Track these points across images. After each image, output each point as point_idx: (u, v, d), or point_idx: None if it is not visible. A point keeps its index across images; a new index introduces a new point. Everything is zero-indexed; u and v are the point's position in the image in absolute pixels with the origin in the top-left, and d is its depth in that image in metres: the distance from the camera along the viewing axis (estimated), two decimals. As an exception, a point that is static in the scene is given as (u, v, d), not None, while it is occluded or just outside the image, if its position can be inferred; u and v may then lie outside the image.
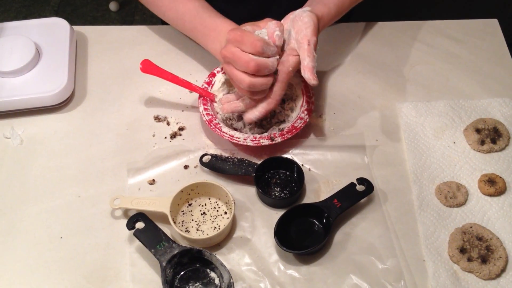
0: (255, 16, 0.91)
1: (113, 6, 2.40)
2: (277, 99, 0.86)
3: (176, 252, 0.79)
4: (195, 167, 0.92)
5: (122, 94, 1.02)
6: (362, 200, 0.86)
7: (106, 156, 0.94)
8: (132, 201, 0.85)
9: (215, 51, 0.93)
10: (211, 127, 0.91)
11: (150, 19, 2.40)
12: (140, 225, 0.82)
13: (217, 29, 0.92)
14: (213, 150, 0.94)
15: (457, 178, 0.90)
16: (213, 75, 0.98)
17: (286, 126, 0.92)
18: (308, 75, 0.81)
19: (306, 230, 0.85)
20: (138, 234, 0.81)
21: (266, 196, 0.87)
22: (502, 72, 1.04)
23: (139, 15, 2.42)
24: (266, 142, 0.89)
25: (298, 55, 0.83)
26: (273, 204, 0.88)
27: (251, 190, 0.90)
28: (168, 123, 0.98)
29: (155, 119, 0.98)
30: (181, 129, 0.97)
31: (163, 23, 1.22)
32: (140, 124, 0.98)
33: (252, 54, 0.80)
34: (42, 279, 0.81)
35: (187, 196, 0.87)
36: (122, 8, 2.43)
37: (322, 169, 0.92)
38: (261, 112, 0.87)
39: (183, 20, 0.97)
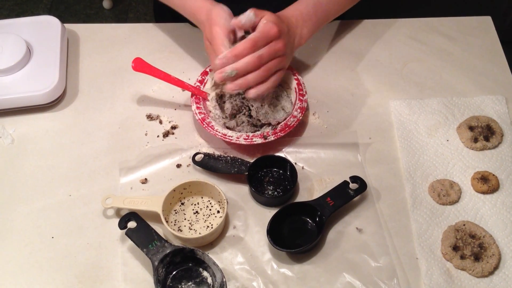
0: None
1: (106, 4, 2.39)
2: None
3: (168, 251, 0.78)
4: (187, 166, 0.92)
5: (114, 92, 1.01)
6: (355, 198, 0.86)
7: (98, 155, 0.93)
8: (124, 200, 0.85)
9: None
10: (204, 126, 0.90)
11: (144, 16, 2.39)
12: (132, 224, 0.81)
13: (198, 12, 0.91)
14: (206, 148, 0.93)
15: (450, 176, 0.90)
16: (205, 73, 0.97)
17: (279, 124, 0.91)
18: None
19: (299, 229, 0.85)
20: (130, 234, 0.80)
21: (259, 195, 0.87)
22: (495, 70, 1.04)
23: (133, 13, 2.40)
24: (259, 140, 0.89)
25: None
26: (266, 202, 0.88)
27: (244, 189, 0.89)
28: (160, 122, 0.97)
29: (147, 118, 0.98)
30: (173, 127, 0.96)
31: (157, 20, 1.21)
32: (133, 122, 0.97)
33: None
34: (34, 279, 0.81)
35: (179, 195, 0.86)
36: (115, 5, 2.42)
37: (315, 167, 0.91)
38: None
39: None
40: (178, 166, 0.91)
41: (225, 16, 0.85)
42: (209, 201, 0.87)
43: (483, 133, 0.93)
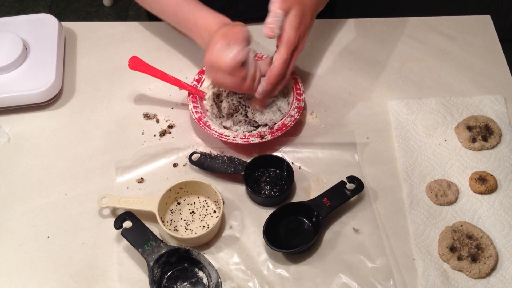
0: (229, 5, 0.89)
1: (107, 1, 2.38)
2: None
3: (163, 251, 0.78)
4: (184, 165, 0.91)
5: (111, 91, 1.01)
6: (352, 199, 0.86)
7: (94, 154, 0.93)
8: (120, 200, 0.84)
9: (200, 45, 0.91)
10: (200, 125, 0.90)
11: (144, 14, 2.36)
12: (127, 224, 0.81)
13: (197, 23, 0.90)
14: (203, 148, 0.93)
15: (448, 176, 0.90)
16: (202, 72, 0.97)
17: (276, 124, 0.91)
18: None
19: (296, 229, 0.84)
20: (125, 234, 0.80)
21: (256, 195, 0.86)
22: (494, 69, 1.04)
23: (133, 10, 2.40)
24: (255, 140, 0.88)
25: None
26: (262, 202, 0.87)
27: (241, 189, 0.89)
28: (157, 121, 0.97)
29: (144, 117, 0.97)
30: (170, 126, 0.96)
31: (155, 19, 1.20)
32: (129, 121, 0.97)
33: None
34: (29, 278, 0.81)
35: (175, 194, 0.86)
36: (116, 3, 2.41)
37: (312, 167, 0.91)
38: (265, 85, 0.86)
39: (168, 14, 0.95)
40: (175, 165, 0.91)
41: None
42: (205, 200, 0.87)
43: (481, 133, 0.93)
